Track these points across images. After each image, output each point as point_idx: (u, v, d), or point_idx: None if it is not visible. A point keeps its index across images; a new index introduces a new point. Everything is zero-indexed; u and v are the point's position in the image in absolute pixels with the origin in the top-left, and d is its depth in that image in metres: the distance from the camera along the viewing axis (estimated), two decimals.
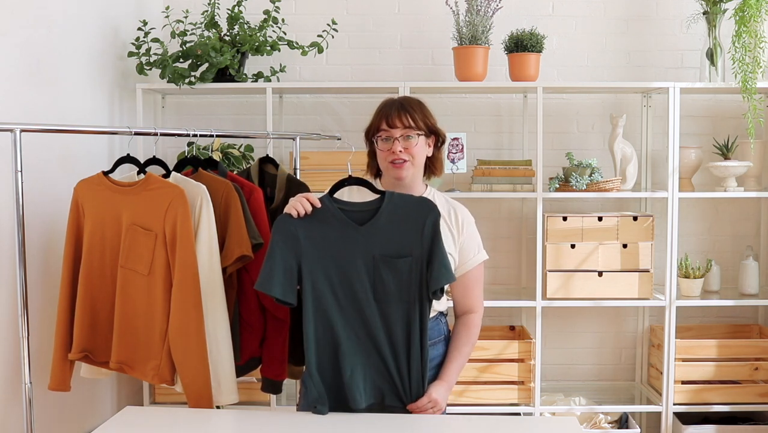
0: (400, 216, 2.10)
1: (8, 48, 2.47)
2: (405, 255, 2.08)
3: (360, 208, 2.13)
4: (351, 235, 2.10)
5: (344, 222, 2.11)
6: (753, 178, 3.56)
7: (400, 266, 2.08)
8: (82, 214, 2.41)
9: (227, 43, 3.42)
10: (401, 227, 2.10)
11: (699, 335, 3.72)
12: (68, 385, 2.43)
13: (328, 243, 2.10)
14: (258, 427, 2.05)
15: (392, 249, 2.09)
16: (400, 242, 2.09)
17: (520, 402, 3.43)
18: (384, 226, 2.10)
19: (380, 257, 2.09)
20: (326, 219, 2.11)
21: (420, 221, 2.09)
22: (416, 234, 2.09)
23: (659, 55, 3.78)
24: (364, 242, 2.09)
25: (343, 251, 2.10)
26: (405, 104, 2.23)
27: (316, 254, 2.10)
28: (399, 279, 2.08)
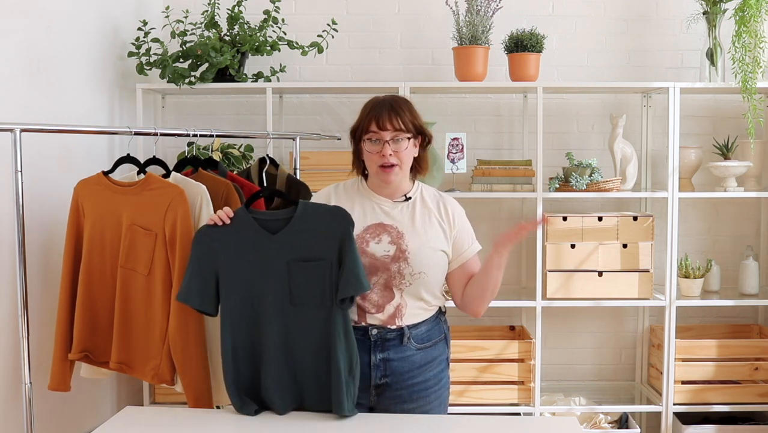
0: (314, 224, 2.12)
1: (8, 48, 2.47)
2: (318, 258, 2.10)
3: (273, 217, 2.15)
4: (265, 243, 2.12)
5: (258, 231, 2.13)
6: (753, 178, 3.56)
7: (314, 270, 2.09)
8: (82, 215, 2.41)
9: (227, 43, 3.42)
10: (314, 233, 2.11)
11: (699, 335, 3.72)
12: (68, 385, 2.43)
13: (244, 252, 2.13)
14: (258, 427, 2.05)
15: (306, 254, 2.11)
16: (313, 247, 2.11)
17: (520, 402, 3.43)
18: (297, 233, 2.12)
19: (294, 262, 2.10)
20: (241, 229, 2.14)
21: (332, 228, 2.10)
22: (328, 240, 2.10)
23: (659, 55, 3.78)
24: (278, 250, 2.11)
25: (258, 259, 2.12)
26: (395, 105, 2.19)
27: (232, 263, 2.12)
28: (314, 283, 2.09)
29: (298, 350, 2.11)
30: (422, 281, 2.18)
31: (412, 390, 2.22)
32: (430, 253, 2.19)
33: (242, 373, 2.13)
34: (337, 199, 2.27)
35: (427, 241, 2.20)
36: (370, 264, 2.16)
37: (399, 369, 2.21)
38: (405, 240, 2.18)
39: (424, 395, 2.23)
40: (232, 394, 2.13)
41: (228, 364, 2.12)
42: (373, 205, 2.24)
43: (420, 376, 2.23)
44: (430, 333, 2.25)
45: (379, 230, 2.20)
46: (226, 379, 2.13)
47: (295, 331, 2.11)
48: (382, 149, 2.16)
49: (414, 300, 2.19)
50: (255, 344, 2.13)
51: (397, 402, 2.22)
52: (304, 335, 2.11)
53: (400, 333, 2.19)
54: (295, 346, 2.11)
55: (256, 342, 2.12)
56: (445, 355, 2.30)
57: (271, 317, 2.11)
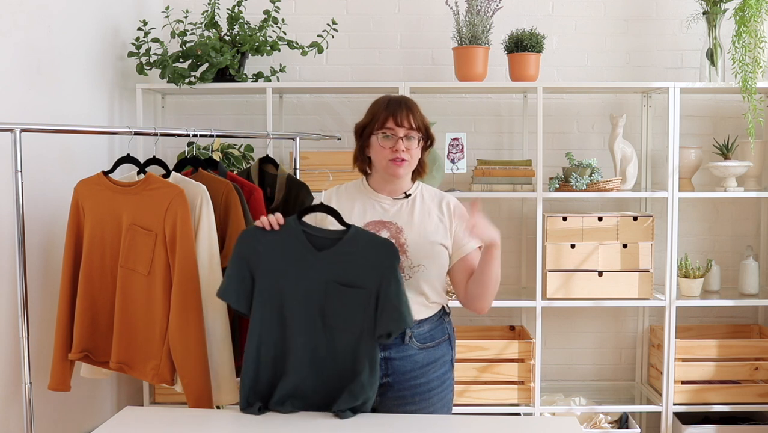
0: (361, 250, 2.10)
1: (8, 48, 2.47)
2: (357, 286, 2.08)
3: (323, 234, 2.14)
4: (308, 258, 2.11)
5: (304, 244, 2.12)
6: (753, 178, 3.56)
7: (350, 296, 2.08)
8: (82, 215, 2.41)
9: (227, 43, 3.42)
10: (359, 259, 2.09)
11: (699, 335, 3.72)
12: (68, 385, 2.43)
13: (285, 262, 2.11)
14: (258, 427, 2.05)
15: (347, 279, 2.09)
16: (355, 273, 2.09)
17: (520, 402, 3.43)
18: (342, 255, 2.10)
19: (332, 284, 2.09)
20: (288, 239, 2.12)
21: (379, 259, 2.08)
22: (373, 270, 2.07)
23: (659, 55, 3.78)
24: (320, 267, 2.10)
25: (297, 272, 2.10)
26: (409, 104, 2.24)
27: (270, 270, 2.11)
28: (349, 309, 2.08)
29: (321, 370, 2.09)
30: (422, 273, 2.19)
31: (414, 391, 2.22)
32: (428, 246, 2.20)
33: (261, 379, 2.11)
34: (338, 199, 2.28)
35: (426, 234, 2.21)
36: None
37: (401, 369, 2.20)
38: (404, 234, 2.20)
39: (427, 397, 2.23)
40: (244, 395, 2.11)
41: (249, 367, 2.10)
42: (374, 203, 2.26)
43: (423, 377, 2.22)
44: (433, 333, 2.25)
45: (379, 226, 2.22)
46: (244, 380, 2.11)
47: (321, 351, 2.09)
48: (396, 144, 2.19)
49: (414, 295, 2.19)
50: (279, 354, 2.10)
51: (399, 403, 2.22)
52: (330, 357, 2.09)
53: (402, 332, 2.19)
54: (319, 366, 2.09)
55: (281, 352, 2.10)
56: (449, 356, 2.30)
57: (300, 333, 2.09)
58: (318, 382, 2.10)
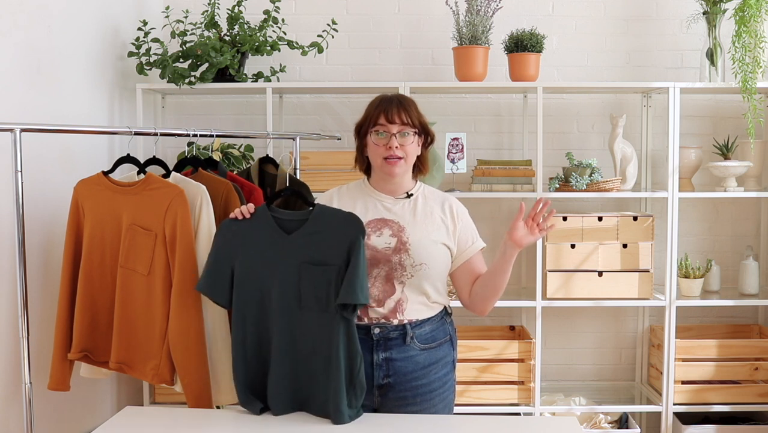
0: (326, 227, 2.13)
1: (8, 48, 2.47)
2: (326, 264, 2.10)
3: (291, 217, 2.17)
4: (279, 242, 2.13)
5: (274, 230, 2.15)
6: (753, 178, 3.56)
7: (320, 275, 2.09)
8: (82, 214, 2.41)
9: (227, 43, 3.42)
10: (325, 237, 2.12)
11: (699, 335, 3.72)
12: (68, 385, 2.43)
13: (258, 249, 2.14)
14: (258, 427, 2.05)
15: (316, 257, 2.11)
16: (323, 251, 2.11)
17: (520, 402, 3.43)
18: (310, 235, 2.13)
19: (304, 265, 2.11)
20: (260, 226, 2.16)
21: (343, 234, 2.10)
22: (339, 245, 2.10)
23: (659, 55, 3.78)
24: (291, 250, 2.12)
25: (270, 257, 2.13)
26: (403, 101, 2.24)
27: (246, 258, 2.14)
28: (320, 287, 2.09)
29: (301, 353, 2.11)
30: (424, 272, 2.19)
31: (416, 392, 2.22)
32: (430, 245, 2.20)
33: (251, 369, 2.14)
34: (339, 199, 2.28)
35: (428, 234, 2.21)
36: (371, 256, 2.17)
37: (402, 369, 2.20)
38: (406, 233, 2.20)
39: (428, 398, 2.23)
40: (240, 390, 2.13)
41: (237, 358, 2.13)
42: (375, 202, 2.26)
43: (425, 378, 2.22)
44: (434, 333, 2.24)
45: (381, 224, 2.22)
46: (235, 373, 2.14)
47: (299, 334, 2.11)
48: (389, 141, 2.19)
49: (415, 294, 2.20)
50: (262, 342, 2.13)
51: (401, 404, 2.22)
52: (306, 338, 2.10)
53: (403, 332, 2.19)
54: (298, 349, 2.11)
55: (263, 340, 2.13)
56: (451, 357, 2.30)
57: (278, 317, 2.11)
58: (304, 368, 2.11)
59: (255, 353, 2.14)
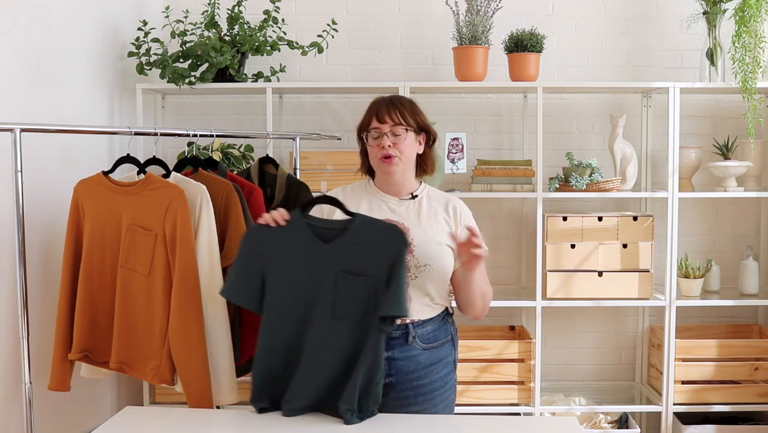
0: (367, 238, 2.09)
1: (8, 48, 2.47)
2: (366, 274, 2.07)
3: (328, 225, 2.13)
4: (315, 250, 2.10)
5: (310, 238, 2.11)
6: (753, 178, 3.56)
7: (358, 285, 2.07)
8: (82, 215, 2.41)
9: (227, 43, 3.42)
10: (365, 248, 2.09)
11: (699, 335, 3.72)
12: (68, 385, 2.43)
13: (293, 256, 2.10)
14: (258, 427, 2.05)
15: (353, 267, 2.08)
16: (361, 262, 2.08)
17: (520, 402, 3.43)
18: (349, 245, 2.09)
19: (340, 274, 2.08)
20: (294, 233, 2.11)
21: (385, 245, 2.08)
22: (379, 257, 2.07)
23: (659, 55, 3.78)
24: (327, 259, 2.09)
25: (306, 265, 2.10)
26: (395, 101, 2.25)
27: (280, 265, 2.10)
28: (358, 298, 2.07)
29: (329, 361, 2.08)
30: (428, 273, 2.19)
31: (417, 392, 2.22)
32: (435, 246, 2.20)
33: (272, 371, 2.10)
34: (344, 198, 2.28)
35: (433, 235, 2.22)
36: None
37: (404, 369, 2.20)
38: (410, 234, 2.20)
39: (429, 398, 2.23)
40: (255, 385, 2.10)
41: (260, 360, 2.09)
42: (380, 203, 2.27)
43: (426, 378, 2.22)
44: (436, 333, 2.25)
45: None
46: (255, 371, 2.10)
47: (331, 342, 2.07)
48: (381, 141, 2.20)
49: (419, 295, 2.20)
50: (290, 348, 2.09)
51: (402, 404, 2.21)
52: (337, 347, 2.08)
53: (405, 332, 2.19)
54: (327, 357, 2.08)
55: (291, 346, 2.09)
56: (452, 357, 2.30)
57: (311, 325, 2.08)
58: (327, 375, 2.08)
59: (281, 357, 2.10)
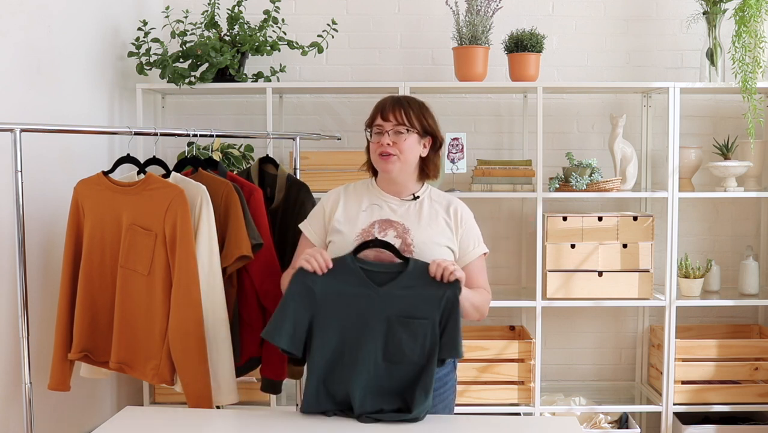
0: (422, 282, 2.10)
1: (8, 48, 2.47)
2: (422, 317, 2.08)
3: (382, 269, 2.13)
4: (369, 294, 2.10)
5: (364, 282, 2.11)
6: (753, 178, 3.56)
7: (416, 328, 2.07)
8: (82, 214, 2.41)
9: (227, 43, 3.42)
10: (421, 291, 2.09)
11: (699, 335, 3.72)
12: (68, 385, 2.43)
13: (345, 300, 2.10)
14: (258, 427, 2.05)
15: (410, 311, 2.08)
16: (418, 305, 2.08)
17: (520, 402, 3.43)
18: (404, 289, 2.10)
19: (396, 318, 2.08)
20: (346, 277, 2.11)
21: (441, 289, 2.09)
22: (435, 300, 2.08)
23: (659, 55, 3.78)
24: (381, 303, 2.09)
25: (358, 309, 2.09)
26: (402, 101, 2.25)
27: (330, 310, 2.09)
28: (414, 340, 2.07)
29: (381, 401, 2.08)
30: None
31: None
32: (435, 247, 2.21)
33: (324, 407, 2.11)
34: (346, 197, 2.29)
35: (433, 236, 2.22)
36: (375, 257, 2.17)
37: None
38: (411, 235, 2.21)
39: None
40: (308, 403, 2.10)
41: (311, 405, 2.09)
42: (381, 202, 2.27)
43: None
44: None
45: (386, 225, 2.22)
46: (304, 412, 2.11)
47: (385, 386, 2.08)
48: (382, 138, 2.21)
49: None
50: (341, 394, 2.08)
51: None
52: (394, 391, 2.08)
53: None
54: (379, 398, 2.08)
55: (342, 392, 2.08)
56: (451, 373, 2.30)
57: (363, 369, 2.07)
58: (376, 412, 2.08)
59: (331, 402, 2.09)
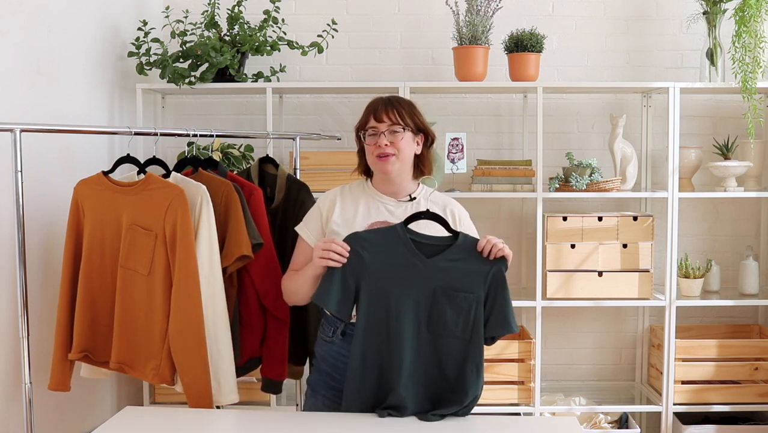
0: (469, 256, 2.12)
1: (8, 48, 2.46)
2: (466, 291, 2.10)
3: (431, 241, 2.14)
4: (417, 265, 2.11)
5: (412, 252, 2.12)
6: (753, 178, 3.56)
7: (461, 301, 2.09)
8: (82, 215, 2.41)
9: (227, 43, 3.42)
10: (468, 265, 2.11)
11: (699, 335, 3.72)
12: (68, 385, 2.43)
13: (392, 269, 2.11)
14: (258, 427, 2.05)
15: (455, 284, 2.10)
16: (463, 279, 2.11)
17: (520, 402, 3.43)
18: (452, 261, 2.12)
19: (441, 290, 2.10)
20: (395, 246, 2.12)
21: (487, 265, 2.11)
22: (481, 275, 2.11)
23: (659, 55, 3.78)
24: (428, 274, 2.11)
25: (405, 279, 2.11)
26: (393, 101, 2.26)
27: (377, 277, 2.11)
28: (457, 313, 2.09)
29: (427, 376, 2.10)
30: None
31: None
32: None
33: (367, 386, 2.11)
34: (342, 199, 2.29)
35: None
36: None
37: None
38: None
39: None
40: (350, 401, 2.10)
41: (354, 375, 2.10)
42: (378, 204, 2.27)
43: None
44: None
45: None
46: (349, 386, 2.11)
47: (426, 357, 2.10)
48: (378, 140, 2.21)
49: None
50: (385, 362, 2.10)
51: None
52: (436, 363, 2.10)
53: None
54: (425, 371, 2.10)
55: (386, 360, 2.09)
56: None
57: (406, 339, 2.09)
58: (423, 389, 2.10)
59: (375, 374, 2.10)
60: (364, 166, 2.33)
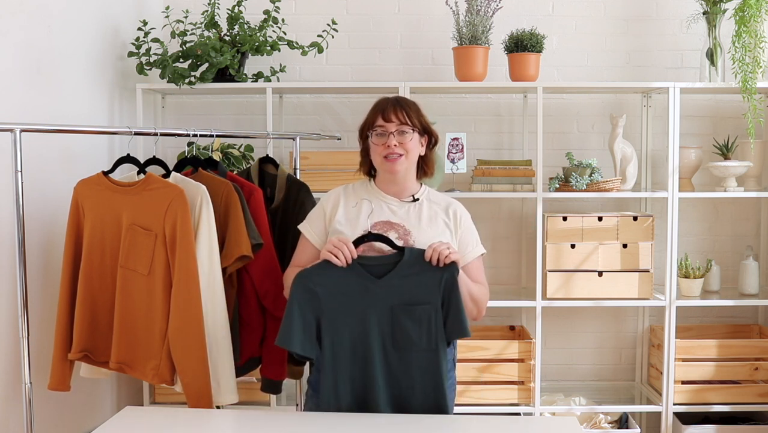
0: (420, 269, 2.13)
1: (8, 48, 2.47)
2: (424, 303, 2.11)
3: (379, 262, 2.16)
4: (369, 288, 2.13)
5: (363, 276, 2.14)
6: (753, 178, 3.56)
7: (420, 313, 2.11)
8: (82, 214, 2.41)
9: (227, 43, 3.42)
10: (420, 278, 2.12)
11: (699, 335, 3.72)
12: (68, 385, 2.43)
13: (347, 297, 2.13)
14: (258, 427, 2.05)
15: (411, 298, 2.12)
16: (418, 291, 2.12)
17: (520, 402, 3.43)
18: (403, 278, 2.13)
19: (399, 307, 2.11)
20: (345, 275, 2.13)
21: (439, 273, 2.12)
22: (434, 284, 2.12)
23: (659, 55, 3.78)
24: (383, 294, 2.12)
25: (361, 304, 2.12)
26: (401, 101, 2.27)
27: (334, 309, 2.12)
28: (419, 326, 2.11)
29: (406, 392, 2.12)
30: None
31: None
32: None
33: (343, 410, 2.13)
34: (346, 199, 2.29)
35: (433, 237, 2.22)
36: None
37: None
38: (412, 237, 2.22)
39: None
40: None
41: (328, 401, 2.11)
42: (381, 204, 2.27)
43: None
44: None
45: (387, 227, 2.23)
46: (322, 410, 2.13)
47: (399, 374, 2.12)
48: (387, 140, 2.21)
49: None
50: (359, 388, 2.12)
51: None
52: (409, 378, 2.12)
53: None
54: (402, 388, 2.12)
55: (359, 386, 2.12)
56: (451, 355, 2.30)
57: (375, 362, 2.11)
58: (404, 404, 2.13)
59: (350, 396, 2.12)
60: (367, 166, 2.33)
